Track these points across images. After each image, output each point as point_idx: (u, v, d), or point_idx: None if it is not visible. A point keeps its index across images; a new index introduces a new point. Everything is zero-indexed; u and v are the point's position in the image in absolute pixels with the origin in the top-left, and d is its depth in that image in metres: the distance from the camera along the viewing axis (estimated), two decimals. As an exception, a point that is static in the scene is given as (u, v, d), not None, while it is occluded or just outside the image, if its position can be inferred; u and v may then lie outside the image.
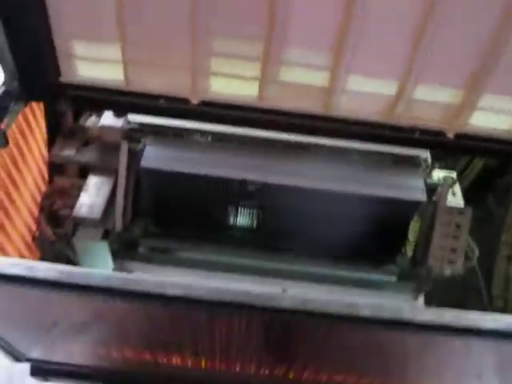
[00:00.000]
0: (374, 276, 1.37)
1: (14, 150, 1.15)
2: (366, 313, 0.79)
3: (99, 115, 1.21)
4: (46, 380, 1.42)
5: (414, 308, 0.81)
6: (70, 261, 1.27)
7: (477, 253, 1.33)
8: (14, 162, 1.16)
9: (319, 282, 1.31)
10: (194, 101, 1.05)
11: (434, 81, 0.99)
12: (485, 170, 1.45)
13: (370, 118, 1.06)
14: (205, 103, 1.05)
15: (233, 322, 0.87)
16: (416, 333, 0.81)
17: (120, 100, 1.06)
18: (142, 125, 1.18)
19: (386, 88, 1.01)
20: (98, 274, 0.77)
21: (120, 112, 1.14)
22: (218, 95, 1.04)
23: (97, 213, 1.18)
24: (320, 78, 1.00)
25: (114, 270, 1.24)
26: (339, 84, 1.00)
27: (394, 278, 1.38)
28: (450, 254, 1.24)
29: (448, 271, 1.31)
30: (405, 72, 0.97)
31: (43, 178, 1.33)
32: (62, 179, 1.31)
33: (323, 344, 0.94)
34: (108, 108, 1.13)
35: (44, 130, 1.28)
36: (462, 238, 1.24)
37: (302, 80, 1.01)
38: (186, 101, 1.05)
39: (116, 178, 1.23)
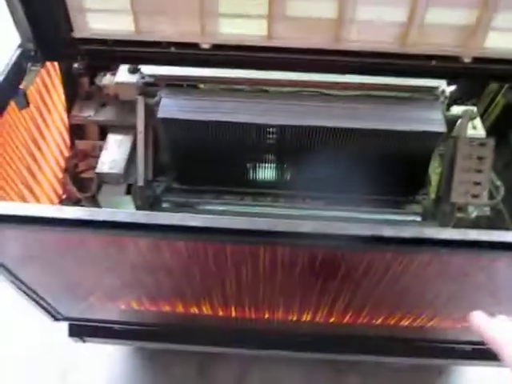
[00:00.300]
0: (398, 217, 1.36)
1: (35, 113, 1.19)
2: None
3: (114, 74, 1.23)
4: (84, 341, 1.48)
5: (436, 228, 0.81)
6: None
7: (502, 191, 1.30)
8: (36, 125, 1.20)
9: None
10: (205, 45, 1.05)
11: (445, 2, 0.97)
12: (508, 108, 1.42)
13: (383, 48, 1.04)
14: (215, 47, 1.05)
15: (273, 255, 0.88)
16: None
17: (132, 51, 1.07)
18: (156, 78, 1.20)
19: (397, 14, 0.99)
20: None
21: (133, 63, 1.16)
22: (228, 37, 1.04)
23: (119, 168, 1.21)
24: (328, 9, 0.99)
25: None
26: (348, 14, 0.99)
27: (418, 218, 1.37)
28: (474, 187, 1.22)
29: (472, 209, 1.30)
30: (415, -5, 0.95)
31: (65, 141, 1.37)
32: (84, 142, 1.34)
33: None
34: (121, 61, 1.14)
35: (62, 93, 1.31)
36: (485, 170, 1.21)
37: (309, 13, 1.00)
38: (196, 46, 1.05)
39: (135, 134, 1.26)
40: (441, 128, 1.14)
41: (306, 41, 1.04)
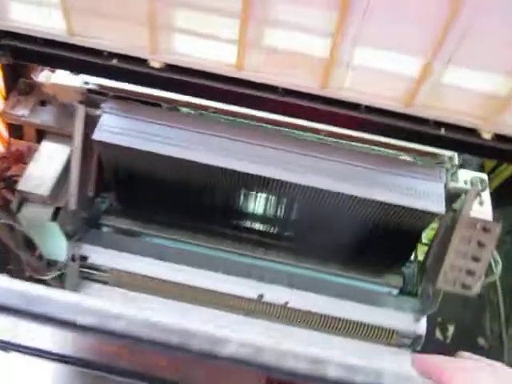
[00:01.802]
0: (374, 286, 1.16)
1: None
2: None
3: (53, 70, 1.00)
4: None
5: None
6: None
7: (500, 267, 1.10)
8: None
9: (306, 285, 1.12)
10: (155, 63, 0.82)
11: (471, 62, 0.72)
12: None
13: (383, 105, 0.80)
14: (168, 67, 0.82)
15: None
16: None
17: (65, 56, 0.83)
18: (101, 86, 0.97)
19: (407, 66, 0.75)
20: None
21: (66, 70, 0.93)
22: (185, 59, 0.80)
23: (46, 187, 1.00)
24: (318, 46, 0.75)
25: (68, 253, 1.08)
26: (344, 56, 0.75)
27: (395, 291, 1.17)
28: (466, 277, 1.01)
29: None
30: (433, 46, 0.70)
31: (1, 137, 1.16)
32: (19, 142, 1.13)
33: None
34: (52, 65, 0.91)
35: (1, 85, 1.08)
36: (483, 259, 1.00)
37: (293, 47, 0.76)
38: (144, 63, 0.82)
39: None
40: (439, 208, 0.92)
41: (287, 79, 0.80)
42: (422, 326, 1.09)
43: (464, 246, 1.00)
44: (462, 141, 0.83)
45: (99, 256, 1.09)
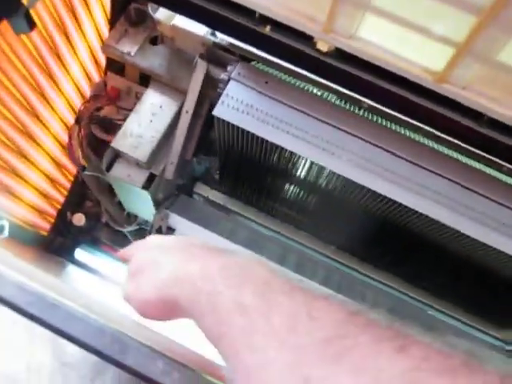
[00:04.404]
0: (487, 337, 0.98)
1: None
2: None
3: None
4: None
5: None
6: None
7: None
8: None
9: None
10: (323, 46, 0.59)
11: None
12: None
13: None
14: (339, 54, 0.59)
15: None
16: None
17: (200, 5, 0.62)
18: (233, 44, 0.75)
19: None
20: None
21: (198, 22, 0.70)
22: (370, 49, 0.57)
23: (143, 151, 0.84)
24: None
25: (154, 223, 0.95)
26: None
27: (506, 347, 0.99)
28: None
29: None
30: None
31: (99, 68, 1.00)
32: (118, 78, 0.95)
33: None
34: (190, 15, 0.68)
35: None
36: None
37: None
38: (308, 41, 0.59)
39: (183, 103, 0.86)
40: None
41: (503, 109, 0.56)
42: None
43: None
44: None
45: (187, 230, 0.96)
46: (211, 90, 0.82)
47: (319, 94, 0.75)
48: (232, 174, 0.94)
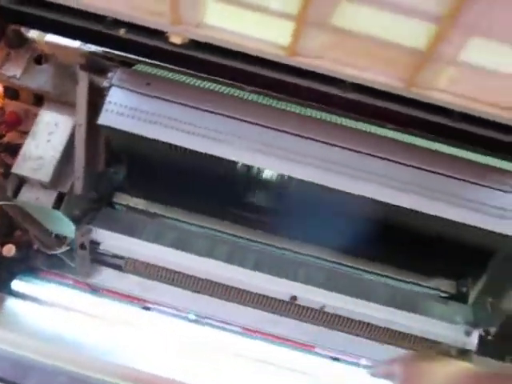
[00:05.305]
0: (423, 289, 1.02)
1: None
2: None
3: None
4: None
5: None
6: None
7: None
8: None
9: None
10: (176, 38, 0.59)
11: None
12: None
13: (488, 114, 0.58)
14: (193, 44, 0.60)
15: None
16: None
17: (69, 22, 0.61)
18: (106, 51, 0.74)
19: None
20: None
21: (60, 35, 0.70)
22: (218, 34, 0.58)
23: (46, 171, 0.84)
24: (414, 33, 0.51)
25: (76, 241, 0.94)
26: (447, 49, 0.52)
27: (446, 296, 1.03)
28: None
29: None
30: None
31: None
32: (14, 104, 0.93)
33: None
34: (56, 31, 0.68)
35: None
36: None
37: (377, 31, 0.52)
38: (162, 36, 0.60)
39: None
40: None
41: (357, 72, 0.58)
42: (472, 341, 0.96)
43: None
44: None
45: (112, 241, 0.96)
46: (100, 99, 0.81)
47: (203, 86, 0.76)
48: (143, 178, 0.94)
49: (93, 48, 0.75)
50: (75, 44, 0.76)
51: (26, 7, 0.61)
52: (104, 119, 0.73)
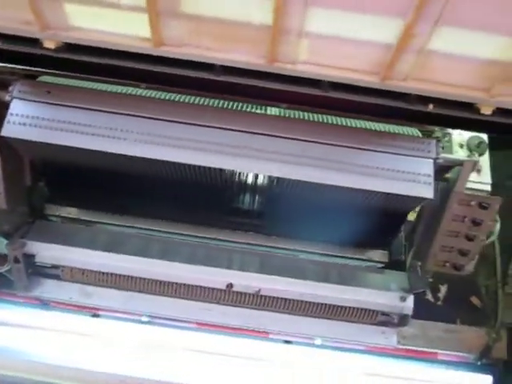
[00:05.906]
0: (357, 262, 1.05)
1: None
2: None
3: None
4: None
5: None
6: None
7: (498, 226, 0.96)
8: None
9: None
10: (49, 43, 0.62)
11: (463, 20, 0.53)
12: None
13: (353, 80, 0.61)
14: (66, 47, 0.62)
15: None
16: None
17: None
18: (3, 66, 0.77)
19: (381, 31, 0.55)
20: None
21: None
22: (85, 35, 0.60)
23: (-36, 190, 0.85)
24: (258, 9, 0.55)
25: (9, 255, 0.95)
26: (292, 21, 0.55)
27: (380, 266, 1.06)
28: (458, 257, 0.89)
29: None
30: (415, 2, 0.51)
31: None
32: None
33: None
34: None
35: None
36: (478, 238, 0.87)
37: (226, 14, 0.56)
38: (35, 43, 0.62)
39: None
40: (427, 193, 0.77)
41: (223, 54, 0.61)
42: (408, 306, 0.99)
43: (456, 224, 0.86)
44: (454, 117, 0.65)
45: (46, 252, 0.97)
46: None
47: (103, 89, 0.79)
48: (67, 186, 0.96)
49: (-10, 64, 0.78)
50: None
51: None
52: (6, 131, 0.75)
